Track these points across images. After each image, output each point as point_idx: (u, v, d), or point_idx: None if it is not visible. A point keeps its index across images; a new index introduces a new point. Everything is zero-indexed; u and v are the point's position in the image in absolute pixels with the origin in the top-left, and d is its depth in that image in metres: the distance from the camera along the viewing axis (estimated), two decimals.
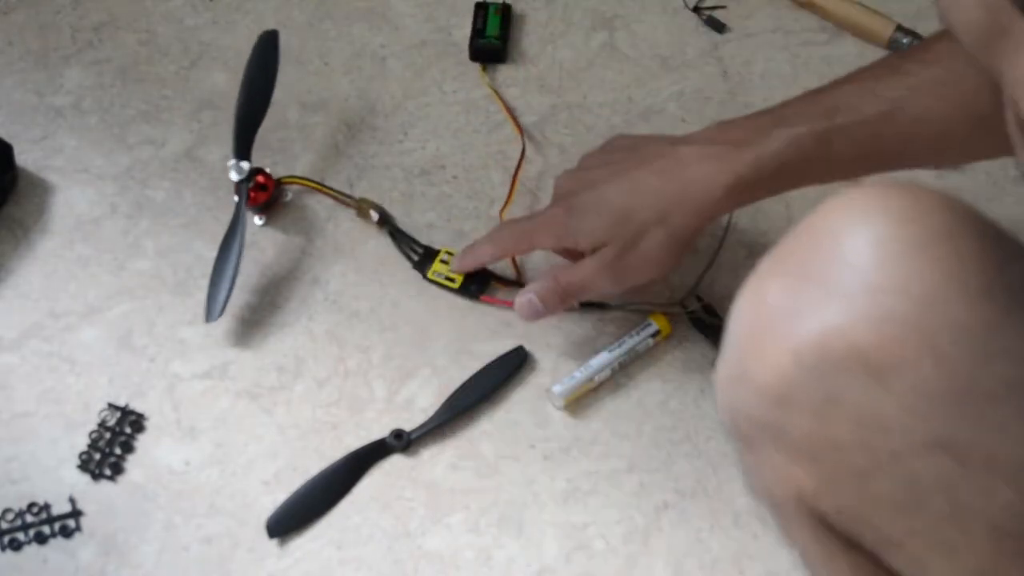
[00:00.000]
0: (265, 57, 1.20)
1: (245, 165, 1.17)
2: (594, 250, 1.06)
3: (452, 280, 1.17)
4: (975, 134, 0.87)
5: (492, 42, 1.30)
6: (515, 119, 1.25)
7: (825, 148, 0.99)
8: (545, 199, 1.21)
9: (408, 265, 1.18)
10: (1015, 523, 0.65)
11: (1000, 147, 0.80)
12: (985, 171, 1.21)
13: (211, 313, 1.12)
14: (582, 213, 1.06)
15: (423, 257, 1.18)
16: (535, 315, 1.09)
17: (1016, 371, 0.68)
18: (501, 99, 1.27)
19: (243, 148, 1.17)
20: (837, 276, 0.72)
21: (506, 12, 1.32)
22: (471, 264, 1.15)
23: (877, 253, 0.72)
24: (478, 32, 1.31)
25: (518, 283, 1.17)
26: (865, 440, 0.72)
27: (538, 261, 1.18)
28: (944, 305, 0.70)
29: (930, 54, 0.94)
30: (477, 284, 1.17)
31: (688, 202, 1.03)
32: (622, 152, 1.08)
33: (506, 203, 1.19)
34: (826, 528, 0.78)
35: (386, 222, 1.20)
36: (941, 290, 0.71)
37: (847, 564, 0.81)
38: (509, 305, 1.12)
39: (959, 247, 0.72)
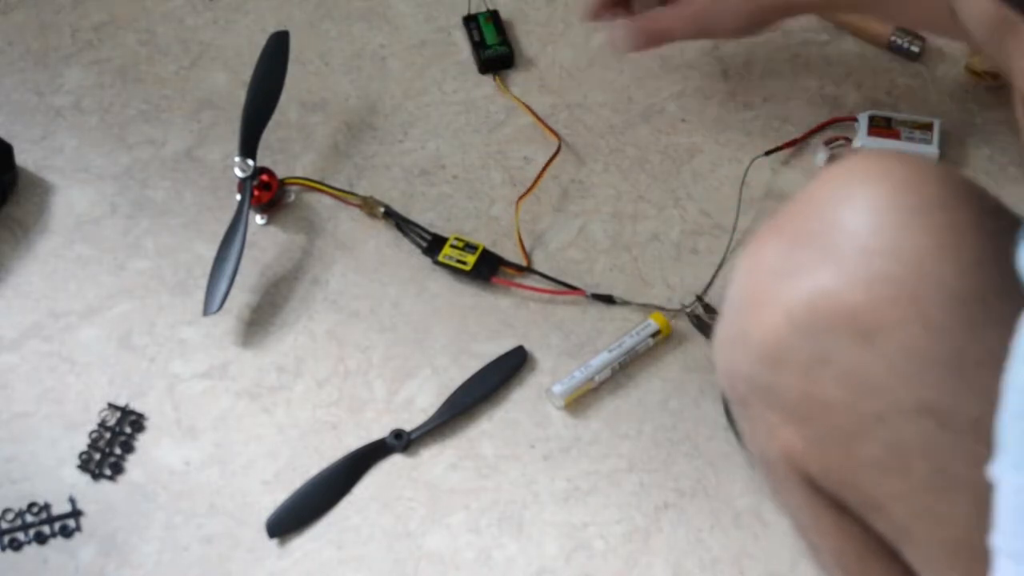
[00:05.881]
0: (275, 57, 1.20)
1: (250, 163, 1.17)
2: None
3: (463, 263, 1.16)
4: None
5: (498, 49, 1.29)
6: (542, 120, 1.25)
7: None
8: (547, 198, 1.21)
9: (410, 264, 1.18)
10: None
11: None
12: (984, 171, 1.21)
13: (209, 306, 1.12)
14: None
15: (432, 243, 1.18)
16: (623, 41, 1.16)
17: (1004, 341, 0.67)
18: (527, 107, 1.26)
19: (249, 146, 1.17)
20: (832, 239, 0.73)
21: (496, 17, 1.31)
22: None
23: (872, 218, 0.73)
24: (478, 44, 1.29)
25: (527, 268, 1.17)
26: (852, 401, 0.73)
27: (546, 251, 1.18)
28: (936, 271, 0.71)
29: None
30: (488, 267, 1.17)
31: None
32: None
33: (528, 191, 1.19)
34: (815, 490, 0.79)
35: (392, 214, 1.20)
36: (934, 257, 0.71)
37: (834, 526, 0.81)
38: (520, 287, 1.14)
39: (954, 217, 0.73)
